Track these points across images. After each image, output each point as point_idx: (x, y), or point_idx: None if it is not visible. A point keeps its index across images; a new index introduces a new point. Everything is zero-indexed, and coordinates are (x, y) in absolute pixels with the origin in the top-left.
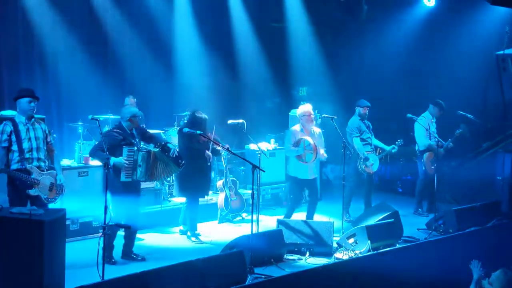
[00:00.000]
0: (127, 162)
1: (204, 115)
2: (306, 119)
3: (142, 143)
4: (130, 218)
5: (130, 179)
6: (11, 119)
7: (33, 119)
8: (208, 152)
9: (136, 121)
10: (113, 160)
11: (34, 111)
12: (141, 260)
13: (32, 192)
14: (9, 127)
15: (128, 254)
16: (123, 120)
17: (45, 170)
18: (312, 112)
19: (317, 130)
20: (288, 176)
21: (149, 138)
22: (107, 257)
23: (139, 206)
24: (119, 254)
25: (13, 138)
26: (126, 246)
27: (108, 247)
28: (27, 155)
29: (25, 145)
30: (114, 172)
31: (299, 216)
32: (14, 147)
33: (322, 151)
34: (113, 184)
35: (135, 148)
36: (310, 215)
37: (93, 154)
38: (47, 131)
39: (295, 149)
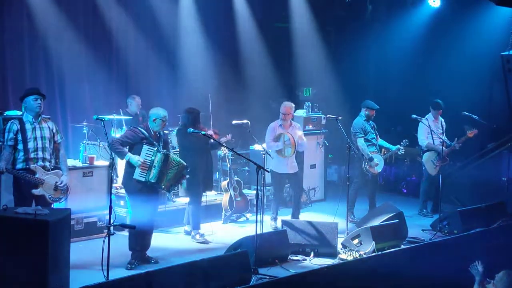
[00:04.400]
0: (141, 160)
1: (196, 110)
2: (280, 117)
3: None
4: (145, 219)
5: (143, 178)
6: (19, 118)
7: (40, 118)
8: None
9: (161, 124)
10: (128, 156)
11: (41, 109)
12: (155, 263)
13: (36, 191)
14: (15, 126)
15: (143, 257)
16: (149, 121)
17: (50, 169)
18: (288, 113)
19: (296, 125)
20: (270, 170)
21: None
22: (132, 263)
23: (156, 206)
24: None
25: (19, 137)
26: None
27: (134, 254)
28: (32, 155)
29: (31, 144)
30: (131, 169)
31: (303, 216)
32: (20, 146)
33: (300, 132)
34: (129, 184)
35: (155, 148)
36: (295, 210)
37: (113, 147)
38: (54, 130)
39: (275, 143)
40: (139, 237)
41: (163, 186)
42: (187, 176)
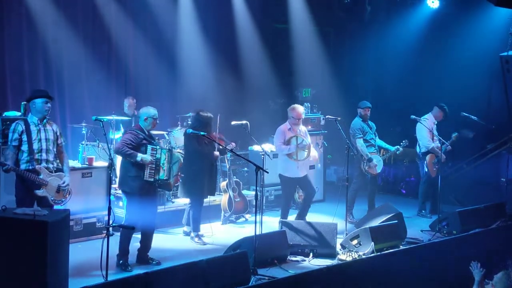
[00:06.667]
0: (152, 159)
1: (209, 114)
2: (293, 121)
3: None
4: (145, 220)
5: (152, 179)
6: (24, 119)
7: (45, 120)
8: (216, 153)
9: (153, 122)
10: (140, 156)
11: (49, 112)
12: (157, 264)
13: (39, 192)
14: (20, 127)
15: (144, 258)
16: (140, 121)
17: (53, 171)
18: (301, 117)
19: (303, 128)
20: (279, 175)
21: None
22: (122, 264)
23: (155, 207)
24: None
25: (24, 138)
26: (142, 250)
27: (122, 253)
28: (36, 156)
29: (35, 146)
30: (135, 170)
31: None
32: (24, 147)
33: (315, 154)
34: (128, 184)
35: (158, 146)
36: (304, 212)
37: (122, 151)
38: (58, 133)
39: (287, 147)
40: (129, 239)
41: (171, 181)
42: (182, 175)
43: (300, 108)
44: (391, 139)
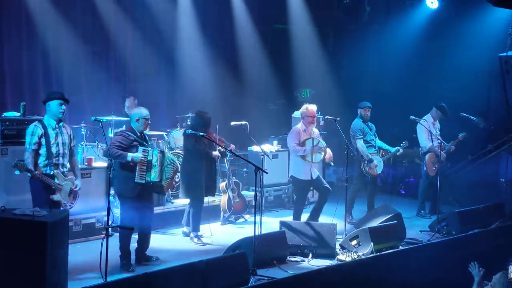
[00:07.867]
0: (142, 157)
1: (208, 114)
2: (308, 120)
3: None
4: (142, 221)
5: (143, 180)
6: (41, 121)
7: (61, 123)
8: (216, 152)
9: (145, 123)
10: (130, 156)
11: (64, 114)
12: (156, 260)
13: (55, 197)
14: (40, 130)
15: (142, 257)
16: (132, 122)
17: (66, 176)
18: (315, 115)
19: (316, 131)
20: (291, 177)
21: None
22: (125, 265)
23: (151, 209)
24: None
25: (43, 141)
26: (139, 250)
27: (124, 254)
28: (54, 160)
29: (54, 149)
30: (126, 172)
31: (301, 217)
32: (42, 150)
33: (330, 154)
34: (123, 185)
35: (149, 148)
36: (318, 212)
37: (112, 153)
38: (72, 136)
39: (302, 148)
40: (129, 239)
41: (164, 184)
42: (178, 179)
43: (313, 106)
44: (390, 140)
